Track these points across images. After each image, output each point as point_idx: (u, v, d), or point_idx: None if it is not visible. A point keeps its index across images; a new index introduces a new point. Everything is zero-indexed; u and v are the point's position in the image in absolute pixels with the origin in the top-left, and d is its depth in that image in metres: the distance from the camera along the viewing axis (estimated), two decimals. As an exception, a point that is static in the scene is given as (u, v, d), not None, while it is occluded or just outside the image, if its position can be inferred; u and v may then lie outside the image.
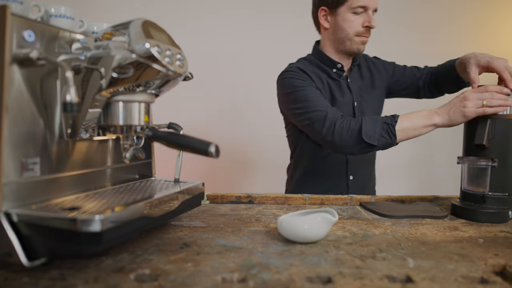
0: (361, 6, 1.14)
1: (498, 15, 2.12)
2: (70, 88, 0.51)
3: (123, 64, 0.56)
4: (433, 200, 1.06)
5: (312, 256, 0.61)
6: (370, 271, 0.55)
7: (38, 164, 0.56)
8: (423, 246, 0.67)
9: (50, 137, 0.58)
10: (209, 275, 0.53)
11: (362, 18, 1.17)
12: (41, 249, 0.52)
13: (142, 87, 0.63)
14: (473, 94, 0.87)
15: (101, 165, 0.70)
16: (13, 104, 0.52)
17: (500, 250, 0.65)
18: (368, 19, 1.16)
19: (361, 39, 1.19)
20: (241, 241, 0.68)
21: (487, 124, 0.86)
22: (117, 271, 0.54)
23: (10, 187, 0.52)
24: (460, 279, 0.53)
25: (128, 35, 0.57)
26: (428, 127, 0.95)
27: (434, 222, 0.84)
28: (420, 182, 2.21)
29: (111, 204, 0.58)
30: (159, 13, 2.03)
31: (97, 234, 0.50)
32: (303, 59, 1.32)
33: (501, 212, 0.84)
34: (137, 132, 0.65)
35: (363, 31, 1.18)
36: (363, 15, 1.16)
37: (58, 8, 0.63)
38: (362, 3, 1.14)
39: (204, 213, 0.90)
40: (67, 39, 0.61)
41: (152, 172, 0.86)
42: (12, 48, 0.52)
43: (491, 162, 0.85)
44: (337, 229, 0.77)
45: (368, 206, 0.96)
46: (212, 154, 0.61)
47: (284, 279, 0.52)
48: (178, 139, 0.64)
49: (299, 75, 1.19)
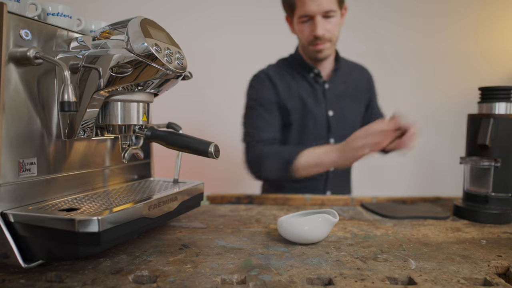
0: (304, 15, 1.08)
1: (501, 14, 2.12)
2: (68, 87, 0.50)
3: (121, 63, 0.55)
4: (435, 200, 1.05)
5: (312, 257, 0.60)
6: (371, 273, 0.54)
7: (35, 164, 0.55)
8: (425, 247, 0.66)
9: (47, 137, 0.58)
10: (209, 276, 0.52)
11: (309, 27, 1.10)
12: (38, 251, 0.51)
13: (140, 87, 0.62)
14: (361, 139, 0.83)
15: (99, 166, 0.70)
16: (10, 103, 0.52)
17: (503, 251, 0.64)
18: (313, 27, 1.09)
19: (314, 48, 1.13)
20: (241, 242, 0.68)
21: (490, 124, 0.85)
22: (116, 273, 0.53)
23: (7, 188, 0.51)
24: (462, 280, 0.52)
25: (127, 34, 0.56)
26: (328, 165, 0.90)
27: (436, 223, 0.83)
28: (422, 182, 2.20)
29: (110, 204, 0.58)
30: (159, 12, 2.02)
31: (95, 235, 0.49)
32: (282, 60, 1.27)
33: (504, 213, 0.83)
34: (136, 132, 0.64)
35: (313, 40, 1.11)
36: (310, 24, 1.10)
37: (56, 7, 0.63)
38: (304, 12, 1.08)
39: (203, 214, 0.89)
40: (65, 37, 0.61)
41: (151, 172, 0.86)
42: (8, 46, 0.51)
43: (494, 162, 0.85)
44: (338, 230, 0.77)
45: (369, 206, 0.95)
46: (211, 154, 0.60)
47: (284, 281, 0.51)
48: (177, 139, 0.63)
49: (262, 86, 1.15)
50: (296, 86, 1.18)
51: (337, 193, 1.25)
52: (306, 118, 1.17)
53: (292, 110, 1.17)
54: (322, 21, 1.07)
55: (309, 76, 1.19)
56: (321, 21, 1.07)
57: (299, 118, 1.17)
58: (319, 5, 1.05)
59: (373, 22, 2.09)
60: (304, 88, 1.19)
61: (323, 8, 1.05)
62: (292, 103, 1.17)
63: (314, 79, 1.19)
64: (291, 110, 1.17)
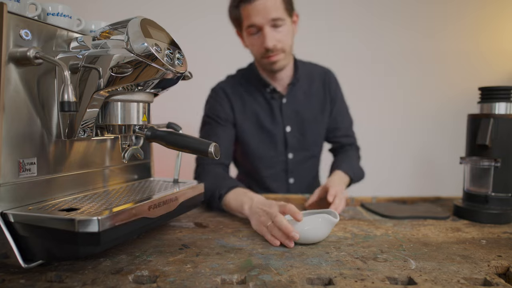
0: (251, 26, 1.01)
1: (501, 15, 2.12)
2: (68, 87, 0.50)
3: (121, 63, 0.55)
4: (435, 200, 1.05)
5: (312, 258, 0.60)
6: (371, 273, 0.54)
7: (35, 164, 0.55)
8: (425, 247, 0.66)
9: (47, 137, 0.58)
10: (209, 276, 0.52)
11: (259, 39, 1.02)
12: (38, 251, 0.51)
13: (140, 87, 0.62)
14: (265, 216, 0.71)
15: (99, 166, 0.70)
16: (10, 103, 0.52)
17: (503, 251, 0.64)
18: (262, 39, 1.01)
19: (267, 60, 1.05)
20: (241, 242, 0.68)
21: (490, 124, 0.85)
22: (116, 273, 0.53)
23: (7, 188, 0.51)
24: (462, 280, 0.52)
25: (127, 34, 0.56)
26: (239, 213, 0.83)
27: (436, 223, 0.83)
28: (422, 182, 2.20)
29: (110, 204, 0.58)
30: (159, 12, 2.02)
31: (95, 235, 0.49)
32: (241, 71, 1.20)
33: (504, 213, 0.83)
34: (136, 132, 0.64)
35: (265, 52, 1.03)
36: (260, 36, 1.02)
37: (56, 7, 0.63)
38: (249, 22, 1.00)
39: (203, 214, 0.89)
40: (65, 37, 0.61)
41: (151, 172, 0.86)
42: (9, 46, 0.51)
43: (494, 162, 0.85)
44: (338, 230, 0.77)
45: (369, 207, 0.95)
46: (211, 154, 0.60)
47: (284, 281, 0.51)
48: (177, 139, 0.63)
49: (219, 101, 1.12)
50: (252, 102, 1.14)
51: (302, 181, 1.21)
52: (262, 135, 1.15)
53: (246, 128, 1.14)
54: (271, 31, 1.00)
55: (265, 91, 1.13)
56: (270, 31, 0.99)
57: (255, 134, 1.14)
58: (265, 14, 0.97)
59: (373, 22, 2.09)
60: (260, 104, 1.14)
61: (269, 17, 0.98)
62: (247, 121, 1.14)
63: (270, 95, 1.14)
64: (245, 127, 1.14)
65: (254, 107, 1.14)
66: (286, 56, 1.06)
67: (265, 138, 1.15)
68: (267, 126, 1.14)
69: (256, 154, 1.16)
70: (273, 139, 1.15)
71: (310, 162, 1.23)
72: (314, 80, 1.19)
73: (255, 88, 1.14)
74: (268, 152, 1.16)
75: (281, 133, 1.15)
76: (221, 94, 1.13)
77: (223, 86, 1.16)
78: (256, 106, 1.14)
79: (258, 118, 1.14)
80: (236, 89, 1.15)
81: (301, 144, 1.18)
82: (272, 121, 1.14)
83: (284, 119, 1.15)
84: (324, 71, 1.23)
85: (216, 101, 1.13)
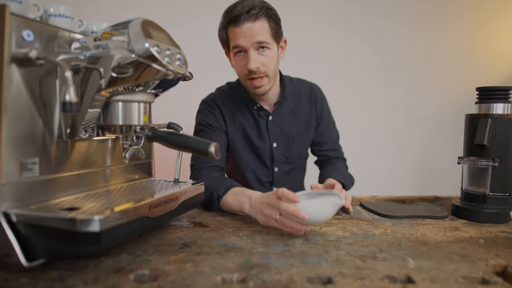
0: (235, 46, 1.02)
1: (499, 15, 2.12)
2: (69, 87, 0.51)
3: (122, 64, 0.56)
4: (433, 200, 1.06)
5: (312, 257, 0.61)
6: (370, 272, 0.55)
7: (37, 164, 0.56)
8: (423, 247, 0.67)
9: (49, 137, 0.58)
10: (209, 275, 0.53)
11: (243, 61, 1.04)
12: (40, 250, 0.52)
13: (141, 87, 0.62)
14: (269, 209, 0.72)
15: (101, 165, 0.70)
16: (12, 104, 0.52)
17: (501, 250, 0.65)
18: (246, 61, 1.02)
19: (251, 83, 1.06)
20: (241, 241, 0.68)
21: (488, 124, 0.86)
22: (117, 272, 0.54)
23: (9, 187, 0.52)
24: (460, 279, 0.52)
25: (128, 35, 0.57)
26: (240, 212, 0.84)
27: (434, 223, 0.83)
28: (420, 182, 2.20)
29: (111, 204, 0.58)
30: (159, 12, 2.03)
31: (97, 234, 0.50)
32: (230, 86, 1.22)
33: (502, 212, 0.84)
34: (137, 132, 0.65)
35: (248, 74, 1.04)
36: (244, 57, 1.03)
37: (57, 8, 0.63)
38: (235, 43, 1.01)
39: (204, 213, 0.89)
40: (66, 38, 0.61)
41: (152, 172, 0.86)
42: (11, 47, 0.51)
43: (491, 162, 0.85)
44: (337, 229, 0.77)
45: (368, 206, 0.96)
46: (212, 154, 0.61)
47: (284, 280, 0.51)
48: (178, 139, 0.63)
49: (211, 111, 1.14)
50: (240, 117, 1.16)
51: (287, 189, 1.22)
52: (250, 149, 1.18)
53: (235, 140, 1.16)
54: (256, 54, 1.01)
55: (253, 109, 1.16)
56: (254, 54, 1.01)
57: (243, 147, 1.17)
58: (251, 37, 0.99)
59: (373, 21, 2.09)
60: (247, 120, 1.17)
61: (255, 40, 0.99)
62: (236, 134, 1.16)
63: (257, 113, 1.16)
64: (235, 140, 1.16)
65: (242, 122, 1.16)
66: (270, 81, 1.08)
67: (252, 152, 1.19)
68: (255, 142, 1.17)
69: (244, 166, 1.19)
70: (260, 154, 1.18)
71: (294, 173, 1.26)
72: (301, 98, 1.22)
73: (243, 104, 1.17)
74: (255, 164, 1.20)
75: (268, 149, 1.19)
76: (213, 105, 1.16)
77: (214, 98, 1.18)
78: (244, 121, 1.16)
79: (246, 133, 1.17)
80: (226, 102, 1.17)
81: (286, 158, 1.21)
82: (259, 137, 1.17)
83: (271, 136, 1.18)
84: (310, 87, 1.25)
85: (209, 111, 1.15)
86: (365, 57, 2.11)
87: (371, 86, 2.13)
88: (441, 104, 2.14)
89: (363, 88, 2.12)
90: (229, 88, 1.22)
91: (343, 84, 2.10)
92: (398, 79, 2.13)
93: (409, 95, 2.14)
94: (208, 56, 2.03)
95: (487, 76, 2.14)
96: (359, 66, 2.11)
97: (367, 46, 2.10)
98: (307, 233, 0.72)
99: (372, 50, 2.11)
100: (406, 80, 2.13)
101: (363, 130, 2.12)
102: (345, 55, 2.10)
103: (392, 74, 2.13)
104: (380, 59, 2.11)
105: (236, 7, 0.99)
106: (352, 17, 2.10)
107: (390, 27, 2.10)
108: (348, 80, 2.12)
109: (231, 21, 0.99)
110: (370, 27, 2.10)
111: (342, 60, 2.10)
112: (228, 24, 1.01)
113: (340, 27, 2.09)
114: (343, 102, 2.02)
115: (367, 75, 2.12)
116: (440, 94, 2.14)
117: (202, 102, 1.20)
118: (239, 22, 0.98)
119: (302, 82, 1.27)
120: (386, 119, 2.15)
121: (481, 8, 2.11)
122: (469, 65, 2.13)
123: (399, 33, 2.11)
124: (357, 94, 2.13)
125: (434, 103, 2.15)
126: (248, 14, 0.98)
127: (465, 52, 2.13)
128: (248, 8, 0.98)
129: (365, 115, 2.14)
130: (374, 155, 2.14)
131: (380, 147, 2.15)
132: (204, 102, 1.19)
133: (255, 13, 0.98)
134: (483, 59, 2.13)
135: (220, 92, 1.21)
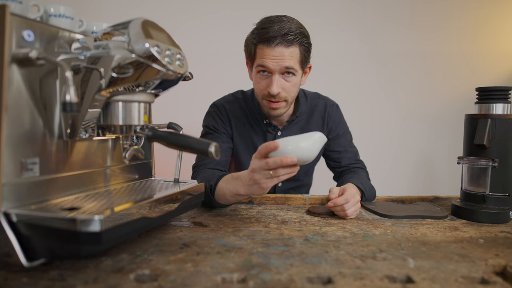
0: (261, 65, 0.98)
1: (499, 15, 2.12)
2: (70, 88, 0.51)
3: (122, 64, 0.56)
4: (433, 200, 1.06)
5: (312, 256, 0.61)
6: (370, 271, 0.55)
7: (37, 164, 0.56)
8: (423, 247, 0.67)
9: (49, 137, 0.58)
10: (209, 275, 0.53)
11: (266, 81, 1.00)
12: (41, 249, 0.52)
13: (141, 87, 0.62)
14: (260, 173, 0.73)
15: (101, 165, 0.70)
16: (12, 104, 0.52)
17: (501, 250, 0.65)
18: (268, 83, 0.99)
19: (268, 104, 1.03)
20: (241, 241, 0.68)
21: (488, 124, 0.86)
22: (117, 272, 0.54)
23: (10, 187, 0.52)
24: (460, 279, 0.53)
25: (128, 35, 0.57)
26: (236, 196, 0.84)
27: (434, 222, 0.83)
28: (420, 182, 2.20)
29: (111, 204, 0.58)
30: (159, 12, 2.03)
31: (97, 234, 0.50)
32: (243, 94, 1.19)
33: (502, 212, 0.84)
34: (137, 132, 0.65)
35: (267, 95, 1.01)
36: (267, 78, 1.00)
37: (58, 8, 0.63)
38: (261, 62, 0.97)
39: (204, 213, 0.89)
40: (67, 39, 0.61)
41: (152, 172, 0.86)
42: (11, 48, 0.52)
43: (491, 162, 0.85)
44: (337, 229, 0.77)
45: (368, 206, 0.96)
46: (212, 154, 0.61)
47: (284, 280, 0.52)
48: (178, 139, 0.63)
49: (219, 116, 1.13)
50: (249, 129, 1.15)
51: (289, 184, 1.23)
52: None
53: (241, 151, 1.15)
54: (280, 79, 0.99)
55: (262, 123, 1.14)
56: (278, 78, 0.98)
57: (246, 160, 1.16)
58: (279, 61, 0.95)
59: (372, 21, 2.09)
60: (256, 132, 1.15)
61: (283, 65, 0.96)
62: (243, 144, 1.15)
63: (266, 128, 1.14)
64: (240, 150, 1.15)
65: (251, 134, 1.15)
66: (287, 105, 1.05)
67: None
68: None
69: None
70: None
71: (298, 188, 1.26)
72: (313, 115, 1.19)
73: (253, 116, 1.15)
74: None
75: None
76: (223, 111, 1.14)
77: (225, 104, 1.16)
78: (252, 133, 1.15)
79: (253, 145, 1.15)
80: (236, 111, 1.15)
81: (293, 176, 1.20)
82: None
83: None
84: (324, 105, 1.21)
85: (218, 116, 1.14)
86: (364, 57, 2.11)
87: (371, 86, 2.13)
88: (441, 104, 2.14)
89: (363, 88, 2.12)
90: (242, 97, 1.19)
91: (343, 84, 2.10)
92: (398, 79, 2.13)
93: (409, 95, 2.14)
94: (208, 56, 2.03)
95: (487, 76, 2.14)
96: (359, 67, 2.11)
97: (366, 46, 2.10)
98: None
99: (371, 50, 2.11)
100: (406, 80, 2.13)
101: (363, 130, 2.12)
102: (344, 55, 2.10)
103: (392, 74, 2.13)
104: (380, 60, 2.11)
105: (273, 27, 0.94)
106: (352, 17, 2.10)
107: (390, 27, 2.10)
108: (347, 81, 2.12)
109: (265, 40, 0.95)
110: (369, 27, 2.10)
111: (341, 61, 2.10)
112: (259, 42, 0.97)
113: (340, 27, 2.09)
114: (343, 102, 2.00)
115: (367, 75, 2.12)
116: (440, 94, 2.14)
117: (213, 105, 1.18)
118: (272, 44, 0.94)
119: (317, 98, 1.22)
120: (386, 119, 2.15)
121: (481, 8, 2.11)
122: (469, 65, 2.13)
123: (399, 33, 2.11)
124: (357, 94, 2.13)
125: (434, 103, 2.14)
126: (283, 38, 0.94)
127: (465, 52, 2.13)
128: (285, 32, 0.94)
129: (365, 115, 2.14)
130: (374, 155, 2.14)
131: (380, 147, 2.15)
132: (215, 105, 1.17)
133: (291, 39, 0.94)
134: (483, 59, 2.13)
135: (233, 99, 1.19)
